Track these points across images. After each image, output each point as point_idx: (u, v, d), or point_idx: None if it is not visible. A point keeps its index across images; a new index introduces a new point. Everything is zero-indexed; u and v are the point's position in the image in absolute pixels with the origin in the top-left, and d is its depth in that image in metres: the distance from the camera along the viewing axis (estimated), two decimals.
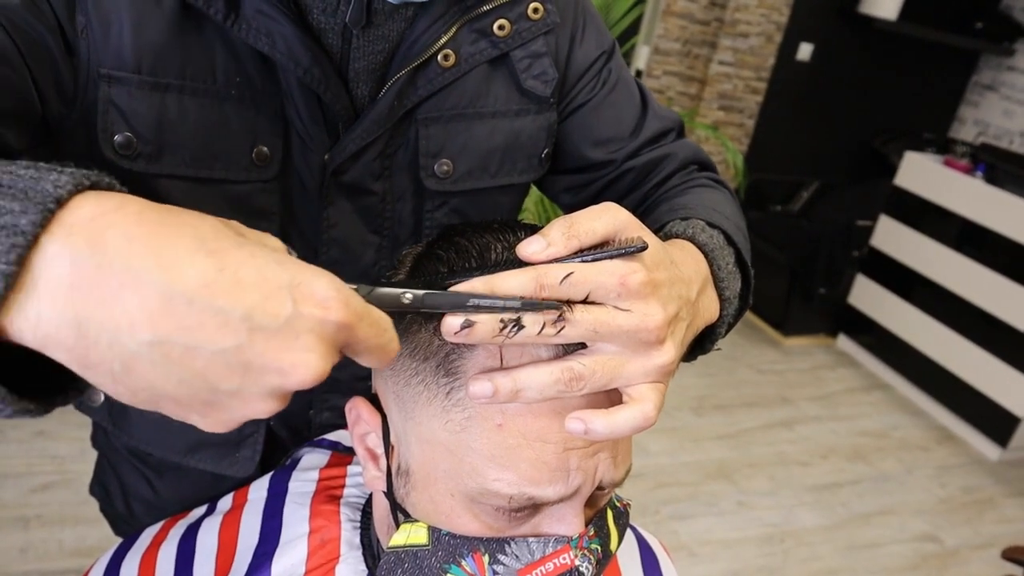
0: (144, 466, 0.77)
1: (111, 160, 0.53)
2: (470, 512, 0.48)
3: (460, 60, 0.60)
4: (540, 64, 0.65)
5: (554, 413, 0.45)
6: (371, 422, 0.53)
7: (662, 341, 0.43)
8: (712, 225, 0.59)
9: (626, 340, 0.42)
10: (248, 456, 0.71)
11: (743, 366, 3.22)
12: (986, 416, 2.92)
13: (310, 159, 0.59)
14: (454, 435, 0.46)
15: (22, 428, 2.15)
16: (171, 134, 0.54)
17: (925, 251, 3.16)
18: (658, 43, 3.28)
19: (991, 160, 3.00)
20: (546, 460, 0.46)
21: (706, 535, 2.25)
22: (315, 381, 0.32)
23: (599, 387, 0.43)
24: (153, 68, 0.52)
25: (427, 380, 0.47)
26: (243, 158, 0.57)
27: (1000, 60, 3.67)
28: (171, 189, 0.55)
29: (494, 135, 0.64)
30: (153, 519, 0.77)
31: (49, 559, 1.79)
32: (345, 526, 0.60)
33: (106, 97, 0.52)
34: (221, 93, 0.55)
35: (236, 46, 0.55)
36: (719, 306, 0.54)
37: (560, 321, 0.40)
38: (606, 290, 0.41)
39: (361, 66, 0.58)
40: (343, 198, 0.61)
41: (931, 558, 2.35)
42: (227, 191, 0.57)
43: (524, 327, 0.40)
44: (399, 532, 0.50)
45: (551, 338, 0.41)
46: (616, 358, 0.42)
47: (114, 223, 0.30)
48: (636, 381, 0.43)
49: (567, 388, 0.42)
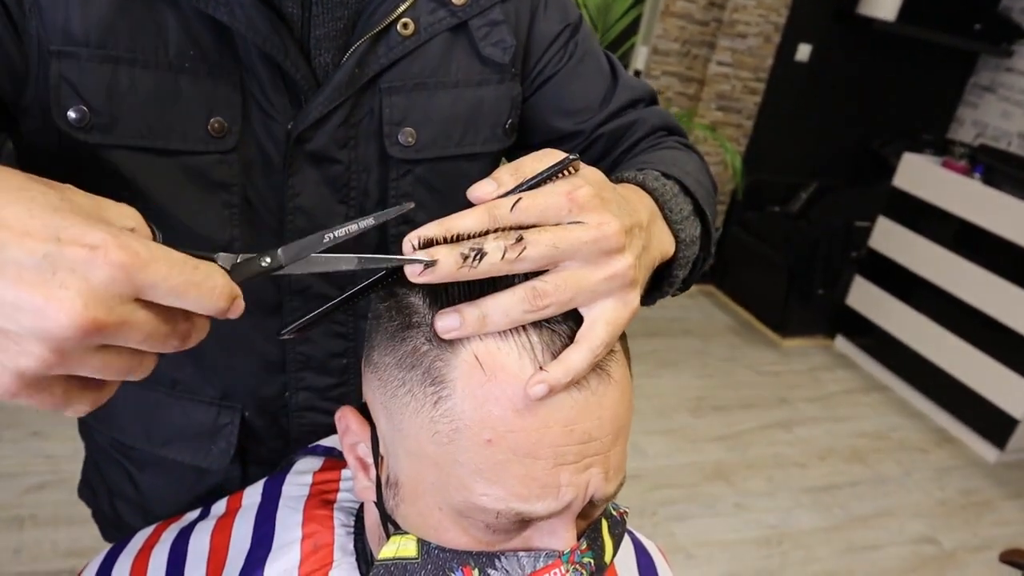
0: (126, 460, 0.77)
1: (66, 133, 0.54)
2: (459, 526, 0.47)
3: (420, 29, 0.62)
4: (498, 31, 0.66)
5: (545, 428, 0.44)
6: (360, 432, 0.52)
7: (621, 249, 0.44)
8: (668, 176, 0.59)
9: (587, 253, 0.42)
10: (223, 449, 0.71)
11: (741, 367, 3.22)
12: (984, 418, 2.92)
13: (273, 129, 0.59)
14: (441, 447, 0.45)
15: (17, 428, 2.15)
16: (123, 105, 0.54)
17: (923, 252, 3.16)
18: (657, 43, 3.28)
19: (989, 161, 3.00)
20: (536, 476, 0.44)
21: (704, 537, 2.25)
22: (80, 325, 0.31)
23: (564, 303, 0.43)
24: (102, 41, 0.53)
25: (414, 390, 0.46)
26: (199, 129, 0.57)
27: (998, 61, 3.67)
28: (127, 160, 0.56)
29: (456, 104, 0.65)
30: (138, 520, 0.77)
31: (43, 560, 1.78)
32: (339, 531, 0.59)
33: (57, 72, 0.52)
34: (174, 65, 0.55)
35: (189, 18, 0.55)
36: (674, 242, 0.55)
37: (519, 243, 0.41)
38: (557, 209, 0.42)
39: (322, 33, 0.59)
40: (309, 167, 0.62)
41: (929, 560, 2.34)
42: (184, 162, 0.58)
43: (487, 254, 0.40)
44: (389, 544, 0.50)
45: (514, 263, 0.41)
46: (578, 271, 0.43)
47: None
48: (600, 292, 0.44)
49: (532, 307, 0.42)
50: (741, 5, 3.26)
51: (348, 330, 0.70)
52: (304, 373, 0.70)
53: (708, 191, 0.64)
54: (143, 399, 0.70)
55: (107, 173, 0.56)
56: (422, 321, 0.46)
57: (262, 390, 0.70)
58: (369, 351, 0.50)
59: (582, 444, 0.45)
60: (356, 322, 0.70)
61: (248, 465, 0.74)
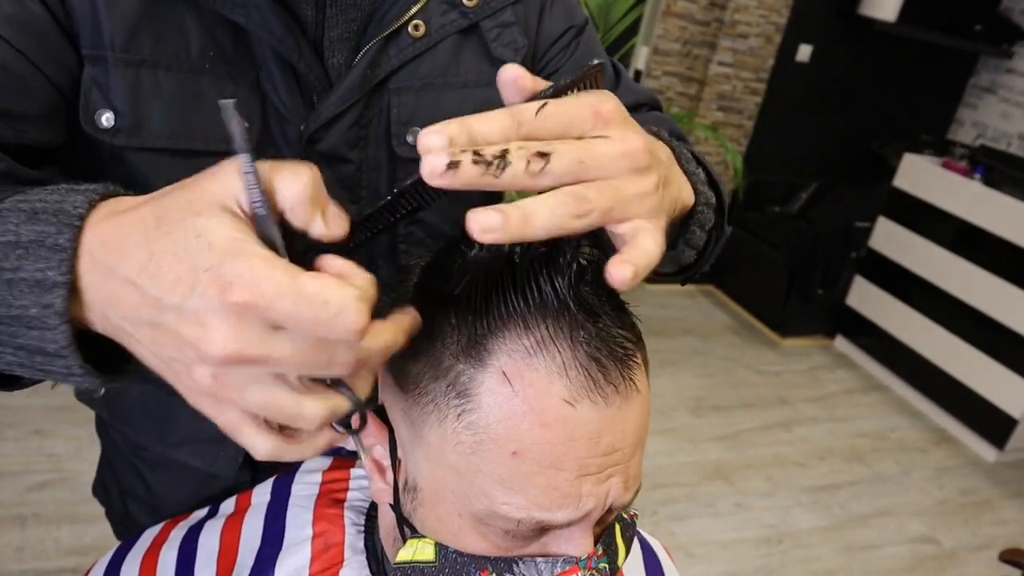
0: (139, 460, 0.78)
1: (95, 137, 0.55)
2: (478, 532, 0.47)
3: (431, 30, 0.62)
4: (510, 33, 0.66)
5: (571, 441, 0.44)
6: (377, 435, 0.52)
7: (648, 168, 0.41)
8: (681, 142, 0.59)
9: (613, 169, 0.40)
10: (231, 456, 0.72)
11: (741, 367, 3.23)
12: (983, 418, 2.93)
13: (287, 130, 0.60)
14: (464, 457, 0.45)
15: (19, 427, 2.15)
16: (147, 108, 0.55)
17: (923, 253, 3.16)
18: (657, 44, 3.28)
19: (989, 162, 3.01)
20: (558, 486, 0.45)
21: (704, 536, 2.25)
22: (225, 354, 0.34)
23: (605, 211, 0.39)
24: (126, 45, 0.54)
25: (437, 400, 0.46)
26: (220, 130, 0.57)
27: (999, 62, 3.67)
28: (150, 162, 0.57)
29: (464, 105, 0.65)
30: (149, 519, 0.77)
31: (46, 558, 1.78)
32: (349, 530, 0.59)
33: (88, 77, 0.54)
34: (196, 67, 0.56)
35: (209, 20, 0.56)
36: (692, 192, 0.53)
37: (544, 156, 0.38)
38: (581, 121, 0.40)
39: (335, 35, 0.60)
40: (320, 166, 0.62)
41: (928, 560, 2.35)
42: (205, 163, 0.58)
43: (511, 163, 0.37)
44: (406, 548, 0.50)
45: (537, 176, 0.38)
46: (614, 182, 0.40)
47: (98, 233, 0.38)
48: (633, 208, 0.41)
49: (575, 210, 0.38)
50: (742, 5, 3.26)
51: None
52: None
53: (717, 177, 0.63)
54: (158, 400, 0.71)
55: (129, 175, 0.57)
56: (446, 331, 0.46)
57: None
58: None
59: (605, 456, 0.45)
60: None
61: (258, 472, 0.75)
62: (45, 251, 0.37)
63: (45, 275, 0.37)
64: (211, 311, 0.34)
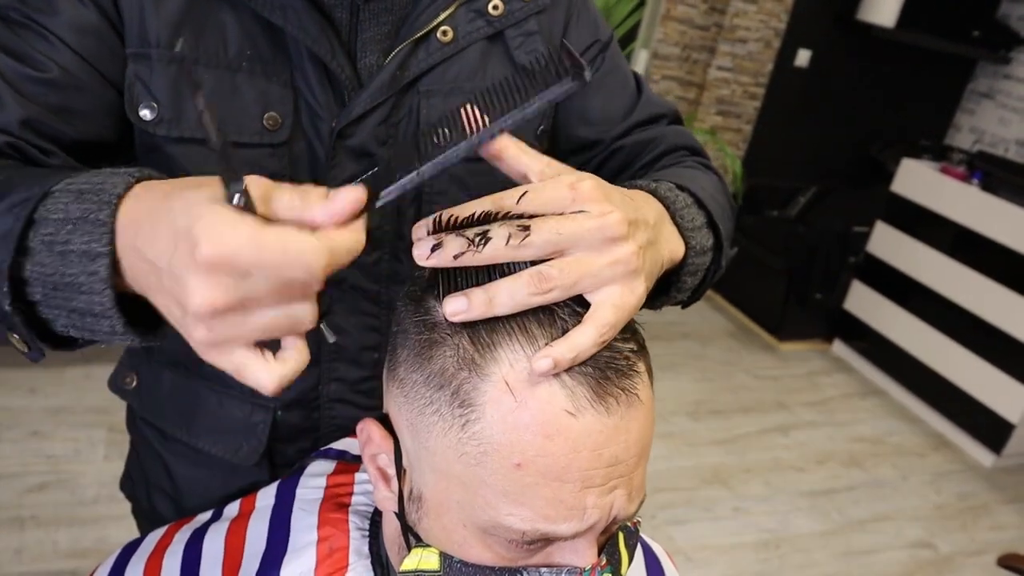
0: (165, 451, 0.80)
1: (139, 127, 0.60)
2: (482, 543, 0.48)
3: (458, 36, 0.66)
4: (532, 42, 0.69)
5: (574, 453, 0.44)
6: (382, 444, 0.53)
7: (625, 237, 0.45)
8: (681, 189, 0.60)
9: (590, 240, 0.44)
10: (254, 447, 0.74)
11: (739, 371, 3.23)
12: (981, 423, 2.93)
13: (319, 126, 0.64)
14: (468, 468, 0.46)
15: (17, 428, 2.15)
16: (187, 102, 0.60)
17: (921, 258, 3.17)
18: (657, 48, 3.29)
19: (987, 168, 3.02)
20: (563, 499, 0.45)
21: (702, 540, 2.25)
22: (205, 308, 0.36)
23: (568, 286, 0.44)
24: (170, 42, 0.58)
25: (442, 411, 0.46)
26: (254, 123, 0.62)
27: (996, 68, 3.69)
28: (187, 152, 0.61)
29: None
30: (171, 514, 0.79)
31: (44, 560, 1.78)
32: (354, 535, 0.59)
33: (133, 73, 0.59)
34: (232, 64, 0.60)
35: (247, 21, 0.60)
36: (683, 246, 0.56)
37: (524, 231, 0.42)
38: (560, 200, 0.44)
39: (368, 37, 0.64)
40: (349, 161, 0.65)
41: (926, 564, 2.35)
42: (239, 155, 0.62)
43: (491, 239, 0.43)
44: (411, 556, 0.50)
45: (518, 249, 0.42)
46: (582, 257, 0.44)
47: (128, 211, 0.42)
48: (604, 277, 0.45)
49: (537, 290, 0.43)
50: (741, 10, 3.27)
51: (381, 323, 0.71)
52: (336, 364, 0.72)
53: (724, 208, 0.65)
54: (186, 388, 0.74)
55: (165, 163, 0.61)
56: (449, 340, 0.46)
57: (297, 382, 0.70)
58: (394, 365, 0.51)
59: (609, 467, 0.46)
60: (390, 315, 0.71)
61: (276, 468, 0.76)
62: (89, 226, 0.42)
63: (90, 247, 0.42)
64: (187, 269, 0.36)
